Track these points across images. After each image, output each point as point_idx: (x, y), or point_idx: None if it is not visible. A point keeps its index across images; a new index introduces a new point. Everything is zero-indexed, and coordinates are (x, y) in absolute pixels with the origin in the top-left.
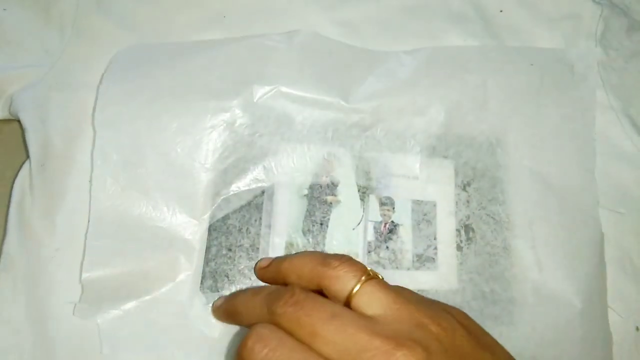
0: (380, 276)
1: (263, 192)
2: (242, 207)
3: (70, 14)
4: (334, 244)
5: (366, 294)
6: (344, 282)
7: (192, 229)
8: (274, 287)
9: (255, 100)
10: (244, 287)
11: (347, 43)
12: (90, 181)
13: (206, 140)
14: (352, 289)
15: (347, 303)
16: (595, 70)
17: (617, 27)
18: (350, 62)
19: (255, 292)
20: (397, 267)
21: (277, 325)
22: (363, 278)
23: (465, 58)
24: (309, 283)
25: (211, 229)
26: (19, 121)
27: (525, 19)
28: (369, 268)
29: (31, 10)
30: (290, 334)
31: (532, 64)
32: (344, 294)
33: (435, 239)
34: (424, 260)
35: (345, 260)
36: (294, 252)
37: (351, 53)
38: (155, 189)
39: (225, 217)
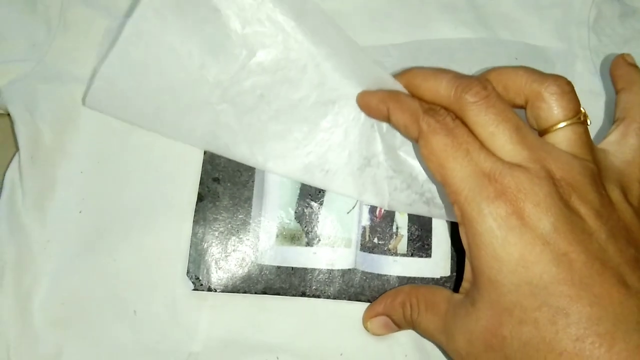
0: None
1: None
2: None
3: (57, 6)
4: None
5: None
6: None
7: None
8: (459, 73)
9: None
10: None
11: None
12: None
13: None
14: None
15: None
16: (575, 68)
17: (610, 13)
18: None
19: (438, 71)
20: (392, 254)
21: (460, 111)
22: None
23: (452, 50)
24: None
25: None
26: (8, 114)
27: (515, 7)
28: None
29: (17, 4)
30: (468, 126)
31: (516, 58)
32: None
33: (430, 226)
34: (418, 247)
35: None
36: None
37: None
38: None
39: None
